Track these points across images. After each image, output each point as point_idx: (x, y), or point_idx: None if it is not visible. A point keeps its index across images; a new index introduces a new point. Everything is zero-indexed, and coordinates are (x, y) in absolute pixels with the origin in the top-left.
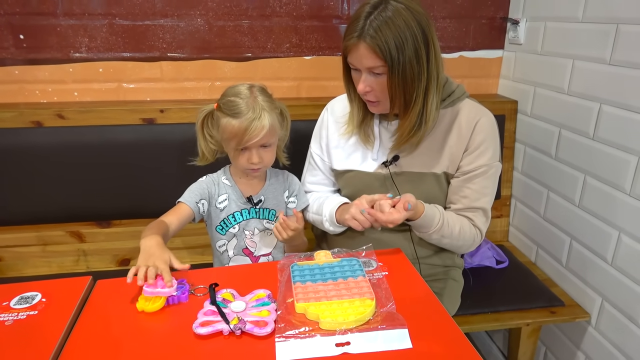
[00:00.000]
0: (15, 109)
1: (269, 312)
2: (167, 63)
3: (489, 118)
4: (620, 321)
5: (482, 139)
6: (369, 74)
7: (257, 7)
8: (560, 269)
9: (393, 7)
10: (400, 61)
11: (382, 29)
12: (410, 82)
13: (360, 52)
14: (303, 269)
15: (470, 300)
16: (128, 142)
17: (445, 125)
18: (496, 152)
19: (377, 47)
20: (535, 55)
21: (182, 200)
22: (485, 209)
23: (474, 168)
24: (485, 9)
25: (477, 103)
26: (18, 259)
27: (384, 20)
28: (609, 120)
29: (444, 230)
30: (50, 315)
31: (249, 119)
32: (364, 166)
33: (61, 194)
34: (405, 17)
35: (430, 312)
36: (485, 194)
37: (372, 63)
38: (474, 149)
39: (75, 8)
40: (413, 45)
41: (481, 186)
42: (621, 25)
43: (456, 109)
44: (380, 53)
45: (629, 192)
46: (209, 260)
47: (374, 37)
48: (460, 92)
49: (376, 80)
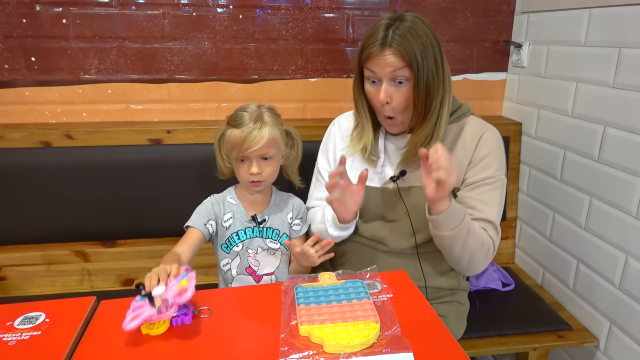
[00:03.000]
0: (25, 129)
1: (188, 280)
2: (175, 85)
3: (493, 132)
4: (629, 346)
5: (486, 151)
6: (390, 84)
7: (263, 30)
8: (567, 292)
9: (411, 19)
10: (424, 68)
11: (406, 36)
12: (432, 90)
13: (386, 59)
14: (307, 291)
15: (477, 324)
16: (135, 163)
17: (451, 139)
18: (502, 166)
19: (404, 51)
20: (539, 78)
21: (191, 224)
22: (494, 223)
23: (479, 180)
24: (488, 32)
25: (482, 119)
26: (22, 278)
27: (407, 28)
28: (614, 143)
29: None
30: (53, 335)
31: (250, 129)
32: (371, 181)
33: (67, 213)
34: (423, 28)
35: (436, 335)
36: (492, 205)
37: (398, 69)
38: (478, 161)
39: (86, 31)
40: (433, 54)
41: (487, 197)
42: (624, 49)
43: (461, 124)
44: (408, 58)
45: (635, 215)
46: (213, 280)
47: (400, 42)
48: (465, 109)
49: (397, 90)
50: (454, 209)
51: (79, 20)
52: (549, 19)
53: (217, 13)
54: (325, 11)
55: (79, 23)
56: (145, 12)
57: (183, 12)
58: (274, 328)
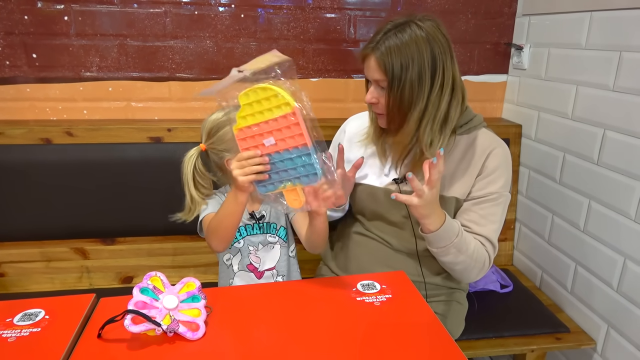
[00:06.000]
0: (25, 126)
1: (200, 310)
2: (176, 83)
3: (504, 149)
4: (627, 349)
5: (495, 166)
6: (375, 86)
7: (265, 30)
8: (565, 294)
9: (411, 31)
10: (401, 80)
11: (392, 48)
12: (406, 103)
13: (370, 64)
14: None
15: (474, 325)
16: (135, 160)
17: (460, 151)
18: (508, 182)
19: (382, 62)
20: (539, 80)
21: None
22: (492, 240)
23: (485, 194)
24: (489, 34)
25: (494, 134)
26: (21, 275)
27: (398, 40)
28: (614, 146)
29: (461, 244)
30: (53, 332)
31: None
32: (374, 181)
33: (67, 210)
34: (419, 43)
35: (434, 336)
36: (493, 222)
37: (377, 76)
38: (486, 175)
39: (87, 29)
40: (418, 70)
41: (488, 212)
42: (624, 53)
43: (472, 136)
44: (384, 68)
45: (633, 218)
46: (212, 279)
47: (383, 53)
48: (477, 121)
49: (382, 93)
50: (444, 229)
51: (81, 18)
52: (550, 21)
53: (218, 12)
54: (327, 11)
55: (80, 20)
56: (147, 10)
57: (185, 11)
58: (274, 327)
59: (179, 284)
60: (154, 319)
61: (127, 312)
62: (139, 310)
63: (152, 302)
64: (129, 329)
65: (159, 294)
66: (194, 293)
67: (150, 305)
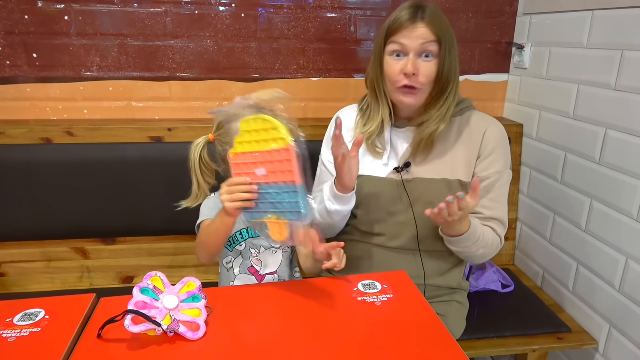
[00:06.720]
0: (26, 126)
1: (200, 310)
2: (176, 83)
3: (497, 126)
4: (629, 349)
5: (493, 146)
6: (418, 57)
7: (265, 29)
8: (567, 294)
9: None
10: (450, 46)
11: (437, 14)
12: (452, 72)
13: (417, 30)
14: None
15: (476, 325)
16: (135, 160)
17: (455, 133)
18: (508, 159)
19: (436, 25)
20: (541, 79)
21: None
22: (502, 219)
23: (489, 175)
24: (490, 34)
25: (485, 114)
26: (22, 275)
27: (434, 9)
28: (615, 146)
29: (481, 240)
30: (53, 332)
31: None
32: (375, 171)
33: (67, 210)
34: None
35: (436, 336)
36: (502, 203)
37: (428, 42)
38: (486, 156)
39: (88, 29)
40: (452, 41)
41: (496, 195)
42: (626, 52)
43: (465, 118)
44: (439, 31)
45: (636, 218)
46: (212, 279)
47: (432, 17)
48: (468, 103)
49: (424, 64)
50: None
51: (81, 17)
52: (551, 20)
53: (219, 11)
54: (328, 11)
55: (81, 20)
56: (148, 9)
57: (185, 10)
58: (275, 327)
59: (179, 283)
60: (154, 319)
61: (128, 312)
62: (139, 311)
63: (153, 302)
64: (129, 329)
65: (160, 294)
66: (194, 293)
67: (151, 305)
